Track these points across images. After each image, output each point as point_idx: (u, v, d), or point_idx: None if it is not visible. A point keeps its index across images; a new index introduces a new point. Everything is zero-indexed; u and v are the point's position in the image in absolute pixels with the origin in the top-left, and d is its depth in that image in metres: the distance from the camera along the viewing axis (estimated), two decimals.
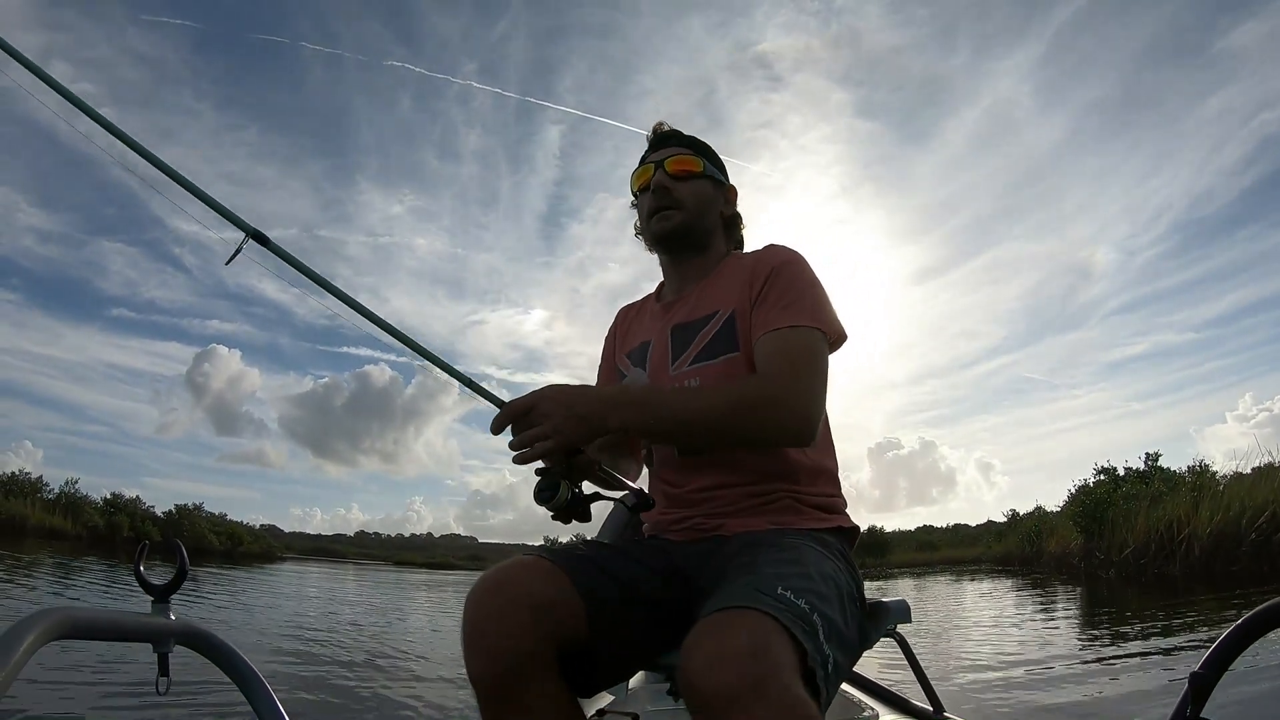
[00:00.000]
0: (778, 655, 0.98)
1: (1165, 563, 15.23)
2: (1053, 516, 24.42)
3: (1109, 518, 18.19)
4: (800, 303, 1.47)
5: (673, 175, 1.65)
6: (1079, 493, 21.48)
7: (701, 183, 1.68)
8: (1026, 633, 8.77)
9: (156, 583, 1.34)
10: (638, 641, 1.36)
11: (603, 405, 1.36)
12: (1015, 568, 23.93)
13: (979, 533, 38.13)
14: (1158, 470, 19.97)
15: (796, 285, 1.50)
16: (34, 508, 31.04)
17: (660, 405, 1.39)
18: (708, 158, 1.71)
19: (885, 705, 2.43)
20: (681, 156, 1.67)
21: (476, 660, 1.19)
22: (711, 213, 1.70)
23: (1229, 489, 15.60)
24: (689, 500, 1.54)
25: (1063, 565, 20.55)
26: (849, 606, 1.26)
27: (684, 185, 1.66)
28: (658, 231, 1.67)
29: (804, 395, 1.39)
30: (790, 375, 1.39)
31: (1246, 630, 1.18)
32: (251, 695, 1.43)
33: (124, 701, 4.39)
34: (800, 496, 1.49)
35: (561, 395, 1.36)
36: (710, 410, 1.38)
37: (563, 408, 1.34)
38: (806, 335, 1.44)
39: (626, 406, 1.37)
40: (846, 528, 1.51)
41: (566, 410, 1.34)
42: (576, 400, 1.36)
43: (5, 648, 0.91)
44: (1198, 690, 1.19)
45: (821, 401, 1.42)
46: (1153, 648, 6.71)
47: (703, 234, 1.69)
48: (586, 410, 1.35)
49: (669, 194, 1.65)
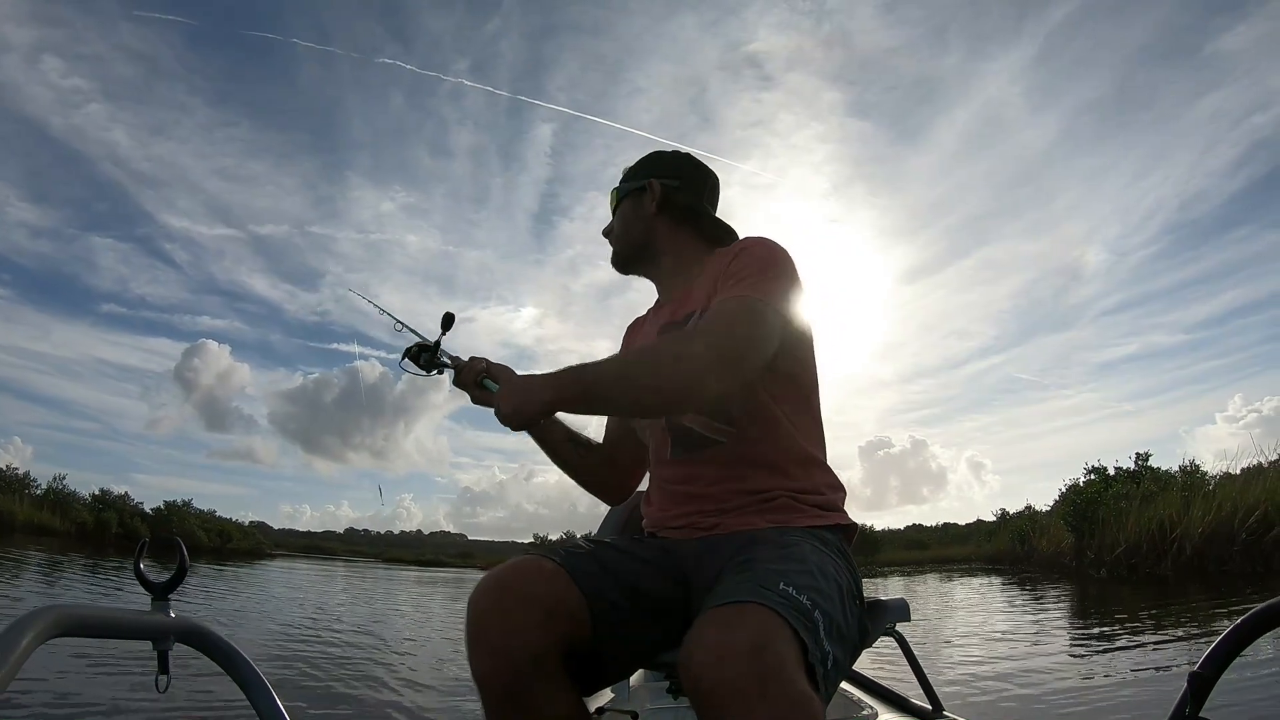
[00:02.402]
0: (781, 650, 0.98)
1: (1157, 562, 15.31)
2: (1043, 516, 24.51)
3: (1100, 517, 18.27)
4: (752, 279, 1.44)
5: (612, 220, 1.79)
6: (1070, 492, 21.61)
7: (622, 207, 1.76)
8: (1021, 632, 8.81)
9: (156, 580, 1.33)
10: (639, 640, 1.37)
11: (553, 391, 1.32)
12: (1006, 567, 24.01)
13: (969, 531, 38.20)
14: (1148, 470, 20.08)
15: (753, 265, 1.48)
16: (22, 504, 30.89)
17: (581, 375, 1.33)
18: (626, 178, 1.77)
19: (884, 704, 2.43)
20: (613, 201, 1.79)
21: (481, 661, 1.19)
22: (635, 226, 1.74)
23: (1220, 489, 15.71)
24: (687, 498, 1.54)
25: (1054, 564, 20.63)
26: (849, 604, 1.26)
27: (614, 220, 1.78)
28: (614, 267, 1.79)
29: (721, 349, 1.34)
30: (713, 332, 1.37)
31: (1245, 630, 1.18)
32: (252, 693, 1.42)
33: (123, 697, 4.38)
34: (798, 494, 1.48)
35: (524, 384, 1.34)
36: (625, 362, 1.43)
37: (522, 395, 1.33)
38: (746, 304, 1.40)
39: (570, 384, 1.32)
40: (845, 525, 1.51)
41: (525, 397, 1.32)
42: (535, 389, 1.32)
43: (4, 645, 0.90)
44: (1197, 689, 1.19)
45: (745, 361, 1.36)
46: (1150, 646, 6.76)
47: (639, 248, 1.75)
48: (544, 398, 1.31)
49: (609, 236, 1.79)
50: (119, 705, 4.29)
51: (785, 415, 1.52)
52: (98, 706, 4.23)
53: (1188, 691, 1.19)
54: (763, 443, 1.50)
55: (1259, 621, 1.16)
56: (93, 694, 4.48)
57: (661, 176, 1.73)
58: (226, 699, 4.01)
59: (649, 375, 1.32)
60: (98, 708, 4.21)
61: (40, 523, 30.54)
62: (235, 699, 1.43)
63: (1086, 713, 4.33)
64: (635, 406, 1.44)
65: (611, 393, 1.34)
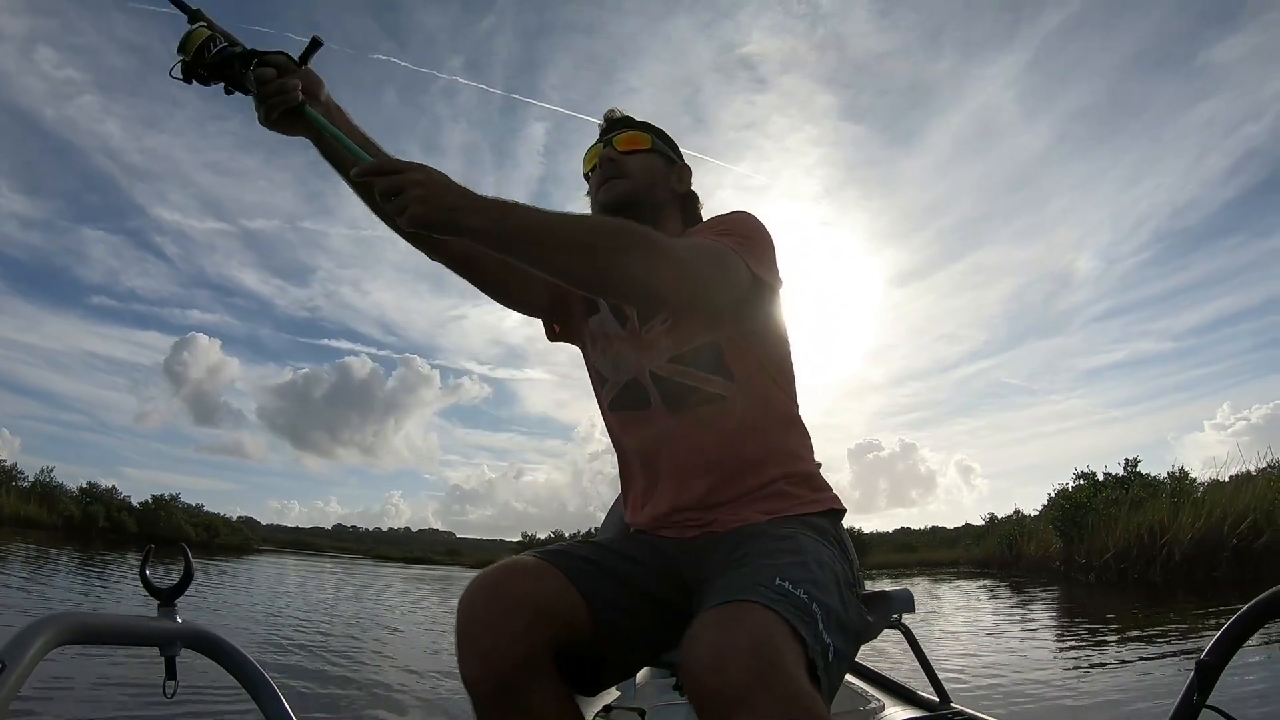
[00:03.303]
0: (780, 649, 0.98)
1: (1146, 567, 15.38)
2: (1031, 520, 24.58)
3: (1088, 522, 18.33)
4: (729, 235, 1.43)
5: (622, 151, 1.65)
6: (1058, 497, 21.62)
7: (650, 156, 1.67)
8: (1019, 630, 8.87)
9: (162, 585, 1.33)
10: (639, 640, 1.37)
11: (468, 200, 1.19)
12: (994, 570, 24.11)
13: (957, 535, 38.34)
14: (1137, 476, 20.13)
15: (731, 229, 1.47)
16: (9, 496, 30.70)
17: (522, 211, 1.22)
18: (658, 136, 1.71)
19: (891, 696, 2.43)
20: (630, 134, 1.68)
21: (470, 665, 1.18)
22: (661, 187, 1.67)
23: (1209, 496, 15.81)
24: (679, 497, 1.52)
25: (1042, 568, 20.72)
26: (846, 592, 1.26)
27: (632, 159, 1.65)
28: (605, 200, 1.62)
29: (692, 263, 1.30)
30: (687, 246, 1.33)
31: (1251, 618, 1.19)
32: (260, 699, 1.42)
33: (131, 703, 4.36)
34: (789, 477, 1.49)
35: (437, 180, 1.20)
36: (575, 224, 1.25)
37: (435, 189, 1.18)
38: (721, 247, 1.38)
39: (493, 207, 1.20)
40: (837, 509, 1.51)
41: (439, 192, 1.18)
42: (449, 191, 1.19)
43: (13, 653, 0.92)
44: (1204, 678, 1.20)
45: (709, 287, 1.33)
46: (1147, 643, 6.83)
47: (651, 207, 1.64)
48: (453, 202, 1.18)
49: (615, 165, 1.64)
50: (127, 711, 4.27)
51: (773, 376, 1.53)
52: (105, 713, 4.22)
53: (1194, 680, 1.20)
54: (756, 400, 1.50)
55: (1263, 610, 1.17)
56: (100, 699, 4.46)
57: (680, 160, 1.75)
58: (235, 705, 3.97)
59: (609, 247, 1.23)
60: (105, 714, 4.20)
61: (27, 515, 30.31)
62: (244, 705, 1.41)
63: (1092, 705, 4.34)
64: (564, 271, 1.25)
65: (540, 234, 1.21)
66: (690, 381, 1.50)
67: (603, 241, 1.24)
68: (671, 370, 1.51)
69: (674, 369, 1.50)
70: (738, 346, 1.48)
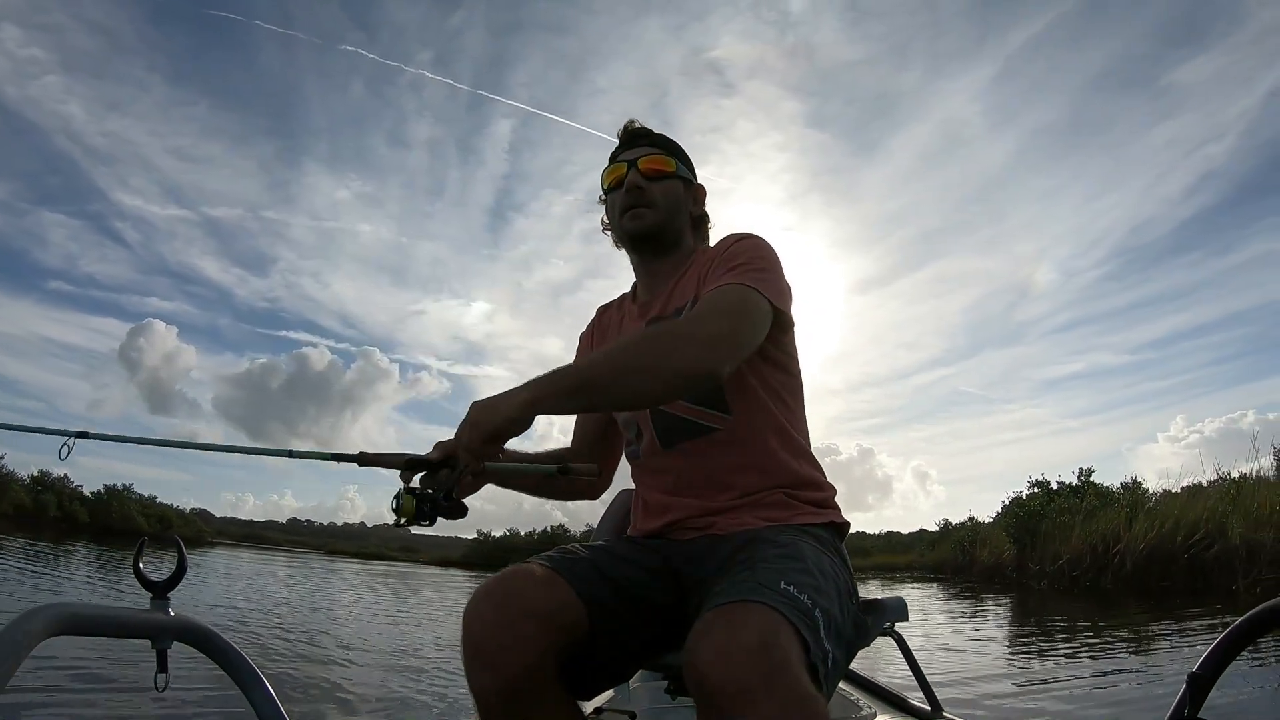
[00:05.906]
0: (785, 649, 0.99)
1: (1098, 575, 15.71)
2: (985, 527, 24.89)
3: (1042, 529, 18.66)
4: (743, 268, 1.46)
5: (646, 175, 1.65)
6: (1012, 504, 21.94)
7: (673, 183, 1.68)
8: (982, 638, 8.97)
9: (155, 579, 1.30)
10: (636, 643, 1.39)
11: (530, 391, 1.22)
12: (948, 576, 24.43)
13: (911, 540, 38.89)
14: (1090, 485, 20.48)
15: (742, 256, 1.50)
16: None
17: (567, 371, 1.28)
18: (679, 158, 1.71)
19: (883, 704, 2.45)
20: (655, 156, 1.67)
21: (479, 675, 1.19)
22: (682, 213, 1.70)
23: (1162, 506, 16.14)
24: (680, 491, 1.54)
25: (995, 575, 21.02)
26: (846, 603, 1.27)
27: (656, 185, 1.66)
28: (630, 230, 1.66)
29: (715, 330, 1.33)
30: (707, 316, 1.37)
31: (1244, 631, 1.19)
32: (250, 692, 1.39)
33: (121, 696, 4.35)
34: (792, 492, 1.50)
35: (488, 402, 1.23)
36: (616, 351, 1.33)
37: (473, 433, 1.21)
38: (739, 290, 1.41)
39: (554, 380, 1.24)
40: (839, 523, 1.52)
41: (477, 433, 1.21)
42: (504, 396, 1.22)
43: (3, 643, 0.91)
44: (1195, 690, 1.20)
45: (739, 341, 1.36)
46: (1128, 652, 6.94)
47: (674, 234, 1.69)
48: (521, 398, 1.21)
49: (642, 194, 1.64)
50: (117, 703, 4.25)
51: (774, 404, 1.54)
52: (95, 704, 4.20)
53: (1186, 692, 1.20)
54: (755, 430, 1.51)
55: (1257, 623, 1.17)
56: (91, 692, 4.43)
57: (696, 180, 1.76)
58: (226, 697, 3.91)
59: (649, 359, 1.28)
60: (95, 706, 4.18)
61: None
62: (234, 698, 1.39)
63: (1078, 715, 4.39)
64: (631, 395, 1.33)
65: (606, 381, 1.26)
66: (687, 416, 1.52)
67: (642, 362, 1.28)
68: (668, 406, 1.52)
69: (670, 404, 1.52)
70: (738, 378, 1.48)
